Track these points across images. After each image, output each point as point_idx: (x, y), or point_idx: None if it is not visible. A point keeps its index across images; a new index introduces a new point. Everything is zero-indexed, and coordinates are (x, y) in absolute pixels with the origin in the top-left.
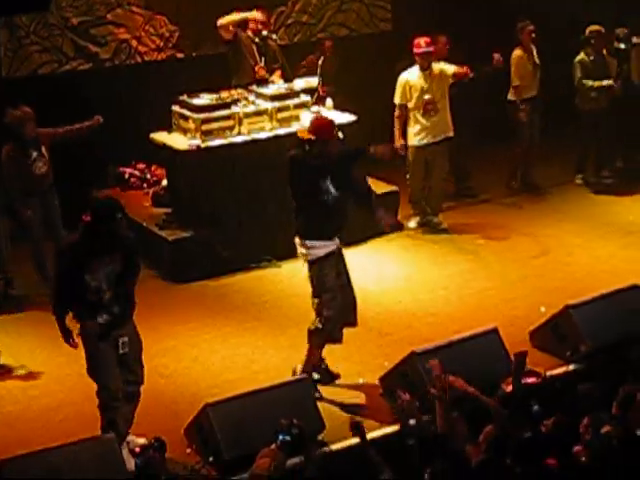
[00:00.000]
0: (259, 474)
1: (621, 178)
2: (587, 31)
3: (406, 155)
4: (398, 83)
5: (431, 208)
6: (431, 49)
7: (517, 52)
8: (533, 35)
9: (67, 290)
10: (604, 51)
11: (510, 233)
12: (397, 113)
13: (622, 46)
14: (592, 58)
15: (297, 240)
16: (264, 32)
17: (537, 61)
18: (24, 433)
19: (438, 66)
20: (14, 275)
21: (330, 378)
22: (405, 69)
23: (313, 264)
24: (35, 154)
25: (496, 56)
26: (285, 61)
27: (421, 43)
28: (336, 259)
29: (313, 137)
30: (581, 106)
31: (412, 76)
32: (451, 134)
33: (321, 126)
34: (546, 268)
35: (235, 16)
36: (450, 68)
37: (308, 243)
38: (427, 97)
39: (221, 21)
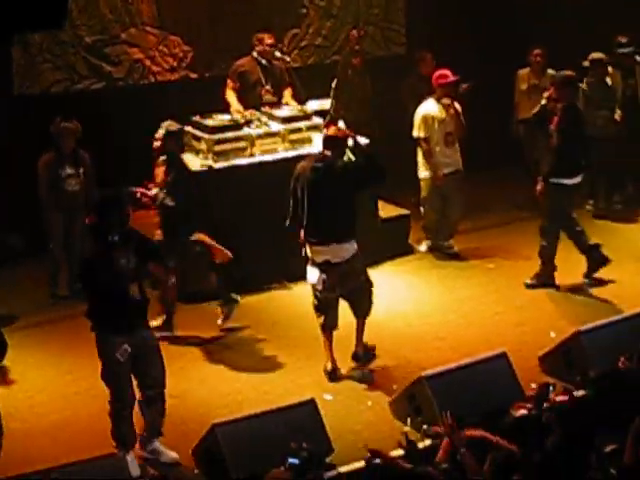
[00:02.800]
0: None
1: (632, 204)
2: (589, 59)
3: (420, 187)
4: (420, 117)
5: (444, 234)
6: (457, 78)
7: (520, 70)
8: (538, 59)
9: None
10: (607, 79)
11: (520, 257)
12: (425, 147)
13: (624, 50)
14: (594, 86)
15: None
16: (277, 53)
17: (533, 82)
18: (31, 450)
19: (456, 105)
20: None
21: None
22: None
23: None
24: (70, 170)
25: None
26: (297, 82)
27: (448, 73)
28: None
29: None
30: (589, 134)
31: (432, 109)
32: (461, 168)
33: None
34: (556, 293)
35: (233, 100)
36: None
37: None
38: (449, 129)
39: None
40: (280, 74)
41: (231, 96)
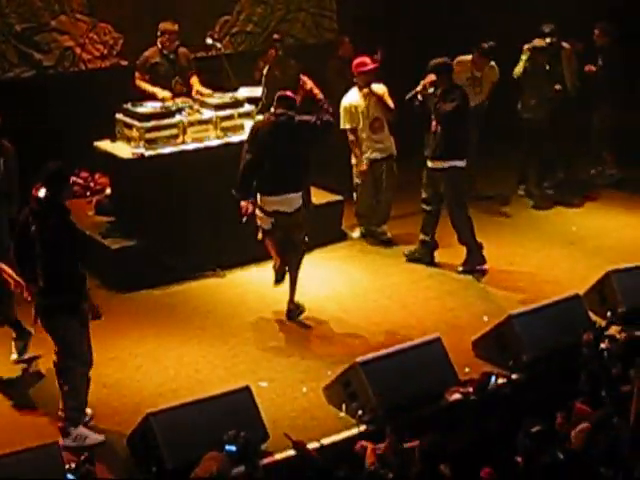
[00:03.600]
0: (203, 476)
1: (563, 189)
2: (532, 44)
3: (352, 174)
4: (343, 109)
5: (377, 219)
6: (376, 65)
7: (462, 57)
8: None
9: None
10: (545, 64)
11: (453, 243)
12: (352, 138)
13: (547, 40)
14: (532, 71)
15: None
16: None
17: (476, 74)
18: None
19: (380, 89)
20: None
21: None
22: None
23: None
24: None
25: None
26: (229, 70)
27: (367, 61)
28: None
29: None
30: (522, 116)
31: (354, 98)
32: (395, 152)
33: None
34: (489, 278)
35: (153, 88)
36: (386, 95)
37: None
38: (374, 115)
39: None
40: (187, 62)
41: (147, 85)
